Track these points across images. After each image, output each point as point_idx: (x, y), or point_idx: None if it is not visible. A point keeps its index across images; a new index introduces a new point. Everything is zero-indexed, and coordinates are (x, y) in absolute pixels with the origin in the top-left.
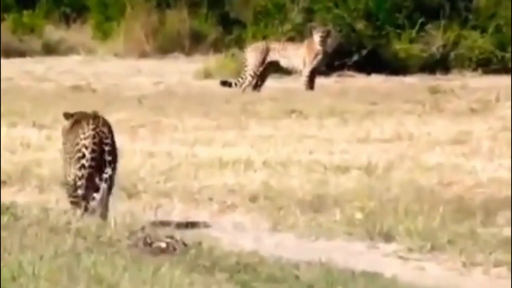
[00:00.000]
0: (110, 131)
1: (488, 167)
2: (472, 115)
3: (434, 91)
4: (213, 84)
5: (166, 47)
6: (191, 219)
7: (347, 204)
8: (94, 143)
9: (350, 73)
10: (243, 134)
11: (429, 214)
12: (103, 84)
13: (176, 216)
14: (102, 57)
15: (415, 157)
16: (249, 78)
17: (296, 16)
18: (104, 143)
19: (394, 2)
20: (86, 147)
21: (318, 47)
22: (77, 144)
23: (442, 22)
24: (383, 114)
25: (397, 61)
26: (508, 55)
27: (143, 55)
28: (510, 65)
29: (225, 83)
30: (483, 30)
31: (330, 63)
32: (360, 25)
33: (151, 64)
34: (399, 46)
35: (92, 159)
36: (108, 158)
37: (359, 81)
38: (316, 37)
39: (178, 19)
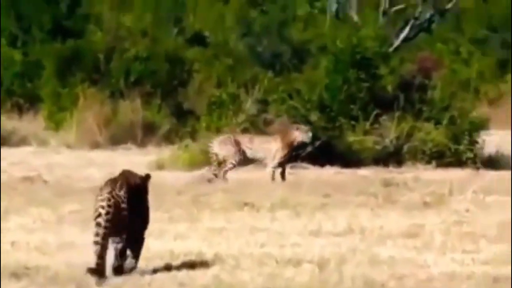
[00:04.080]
0: (128, 195)
1: (440, 261)
2: (425, 208)
3: (387, 183)
4: (166, 175)
5: (119, 137)
6: None
7: None
8: (109, 206)
9: (304, 164)
10: (195, 227)
11: None
12: (55, 175)
13: None
14: (54, 148)
15: (367, 251)
16: (231, 166)
17: (250, 107)
18: (121, 207)
19: (349, 93)
20: (103, 208)
21: (296, 142)
22: (96, 204)
23: (396, 113)
24: (335, 206)
25: (351, 153)
26: (461, 148)
27: (96, 146)
28: (463, 158)
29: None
30: (437, 122)
31: None
32: (314, 117)
33: (103, 155)
34: (353, 138)
35: (107, 220)
36: (122, 224)
37: (312, 173)
38: (299, 135)
39: (131, 110)
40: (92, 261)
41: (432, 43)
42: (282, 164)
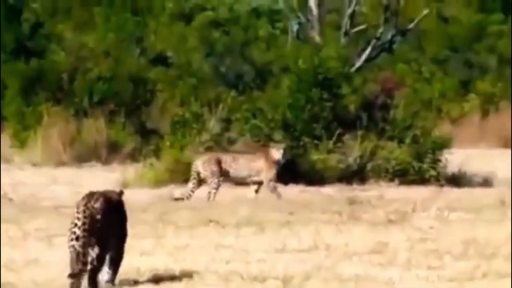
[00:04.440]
0: (104, 207)
1: (405, 277)
2: (389, 226)
3: (351, 201)
4: (131, 193)
5: (83, 156)
6: None
7: None
8: (85, 217)
9: None
10: (160, 243)
11: None
12: (20, 193)
13: None
14: (19, 166)
15: (332, 268)
16: (214, 190)
17: (213, 126)
18: (96, 219)
19: (312, 113)
20: (79, 219)
21: (276, 160)
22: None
23: (359, 132)
24: (300, 224)
25: (315, 172)
26: (425, 166)
27: (60, 164)
28: (426, 176)
29: (177, 199)
30: (400, 141)
31: None
32: (277, 136)
33: (68, 173)
34: (317, 157)
35: (84, 230)
36: (97, 236)
37: None
38: (276, 154)
39: (95, 128)
40: (56, 277)
41: (394, 63)
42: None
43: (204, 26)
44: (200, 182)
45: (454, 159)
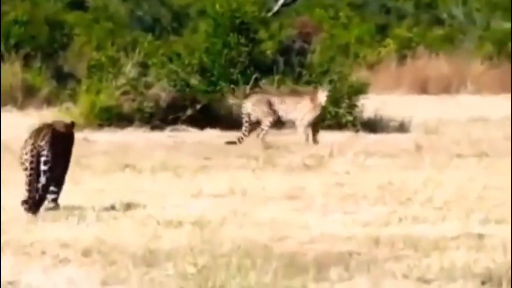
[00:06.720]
0: (49, 143)
1: (321, 222)
2: (306, 171)
3: (267, 146)
4: None
5: None
6: (23, 274)
7: (180, 258)
8: (32, 156)
9: (184, 127)
10: (76, 188)
11: (261, 269)
12: None
13: (8, 270)
14: None
15: (248, 212)
16: (266, 128)
17: (130, 70)
18: (40, 155)
19: (229, 57)
20: (26, 160)
21: (322, 104)
22: (21, 158)
23: (276, 77)
24: (216, 169)
25: (231, 116)
26: (341, 111)
27: None
28: (343, 121)
29: (230, 143)
30: (317, 86)
31: (164, 117)
32: (194, 80)
33: None
34: (233, 101)
35: (31, 169)
36: (44, 168)
37: (193, 135)
38: (322, 96)
39: (11, 73)
40: None
41: (311, 8)
42: (315, 126)
43: None
44: (252, 124)
45: (370, 104)
